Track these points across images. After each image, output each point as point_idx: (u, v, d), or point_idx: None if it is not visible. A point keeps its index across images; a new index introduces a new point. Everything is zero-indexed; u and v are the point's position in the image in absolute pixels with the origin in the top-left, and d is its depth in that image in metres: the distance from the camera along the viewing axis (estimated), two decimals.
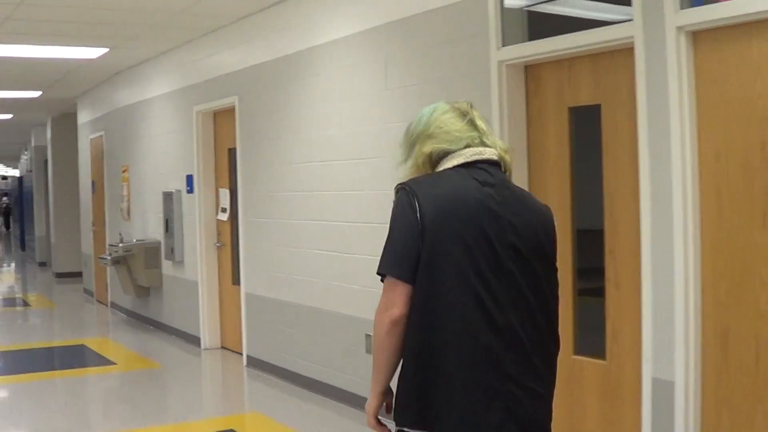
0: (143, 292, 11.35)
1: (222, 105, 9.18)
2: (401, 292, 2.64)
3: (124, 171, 12.16)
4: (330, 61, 7.19)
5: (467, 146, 2.78)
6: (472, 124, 2.81)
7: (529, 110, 5.46)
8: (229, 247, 9.44)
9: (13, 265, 23.67)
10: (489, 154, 2.79)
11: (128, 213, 12.03)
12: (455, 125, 2.80)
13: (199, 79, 9.61)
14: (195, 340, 9.90)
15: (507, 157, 2.84)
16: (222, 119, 9.52)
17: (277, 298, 8.06)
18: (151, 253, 10.82)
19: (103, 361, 9.42)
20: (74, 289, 16.05)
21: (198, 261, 9.71)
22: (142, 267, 10.82)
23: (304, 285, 7.61)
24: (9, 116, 18.38)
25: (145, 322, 11.55)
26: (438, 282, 2.62)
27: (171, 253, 10.31)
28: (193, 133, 9.71)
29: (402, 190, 2.72)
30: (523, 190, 2.91)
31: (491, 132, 2.86)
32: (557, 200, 5.18)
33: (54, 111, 17.61)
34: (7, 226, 41.64)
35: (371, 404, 2.79)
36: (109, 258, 11.25)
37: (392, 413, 2.75)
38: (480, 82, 5.56)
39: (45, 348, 10.32)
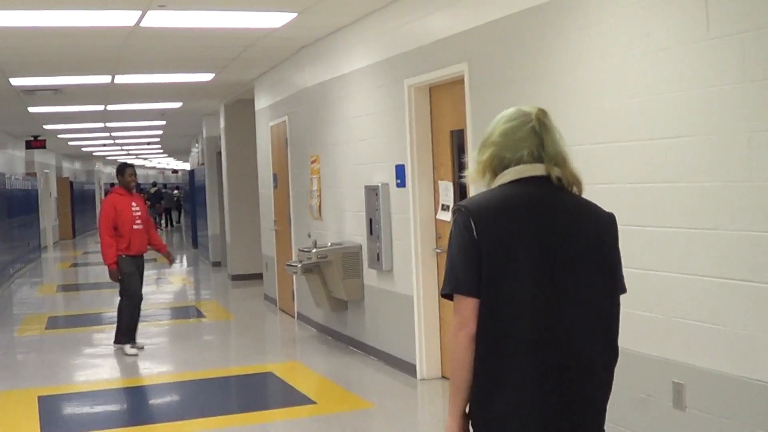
0: (340, 305, 9.84)
1: (442, 76, 7.51)
2: (472, 307, 2.82)
3: (313, 161, 10.68)
4: (607, 2, 5.41)
5: (523, 157, 2.92)
6: (534, 132, 2.93)
7: None
8: None
9: (185, 264, 22.83)
10: (538, 171, 2.92)
11: (319, 211, 10.55)
12: (516, 134, 2.95)
13: (410, 45, 7.98)
14: (409, 368, 8.29)
15: (559, 172, 2.91)
16: (441, 94, 7.86)
17: None
18: (350, 259, 9.27)
19: (297, 397, 7.92)
20: (253, 294, 14.80)
21: (412, 271, 8.09)
22: (339, 276, 9.28)
23: None
24: (178, 104, 17.37)
25: (341, 341, 10.05)
26: (500, 296, 2.80)
27: (376, 261, 8.73)
28: (405, 113, 8.09)
29: (458, 211, 2.90)
30: (580, 200, 2.98)
31: (556, 141, 2.94)
32: None
33: (227, 97, 16.44)
34: (170, 222, 41.67)
35: (452, 428, 2.91)
36: (299, 265, 9.77)
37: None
38: None
39: (222, 378, 8.90)
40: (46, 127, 21.16)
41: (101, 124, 21.24)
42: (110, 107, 17.02)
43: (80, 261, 24.59)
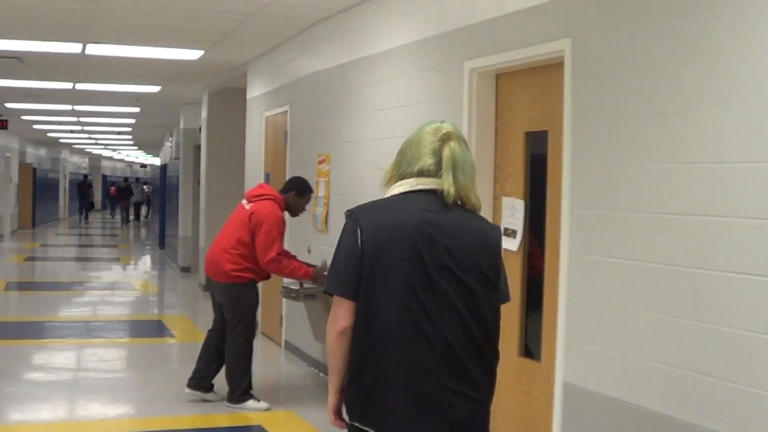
0: None
1: (524, 59, 5.52)
2: (345, 307, 3.08)
3: (321, 162, 8.66)
4: None
5: (420, 171, 3.13)
6: (434, 151, 3.13)
7: None
8: (517, 294, 5.79)
9: (149, 267, 20.65)
10: (431, 184, 3.11)
11: (325, 222, 8.53)
12: (419, 149, 3.17)
13: (476, 16, 6.00)
14: None
15: (450, 187, 3.09)
16: (513, 84, 5.89)
17: (631, 402, 4.36)
18: None
19: None
20: None
21: None
22: None
23: (686, 382, 3.90)
24: (156, 89, 15.27)
25: None
26: (377, 300, 3.03)
27: None
28: (463, 105, 6.08)
29: (349, 216, 3.13)
30: (469, 215, 3.17)
31: (456, 160, 3.12)
32: None
33: (213, 83, 14.37)
34: (138, 217, 40.71)
35: (331, 402, 3.22)
36: (300, 290, 7.75)
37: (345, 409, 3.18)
38: None
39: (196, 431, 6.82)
40: (8, 105, 18.96)
41: (69, 107, 19.08)
42: (80, 86, 14.88)
43: (38, 254, 22.34)
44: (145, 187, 42.05)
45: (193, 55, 11.23)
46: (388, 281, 3.02)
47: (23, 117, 22.09)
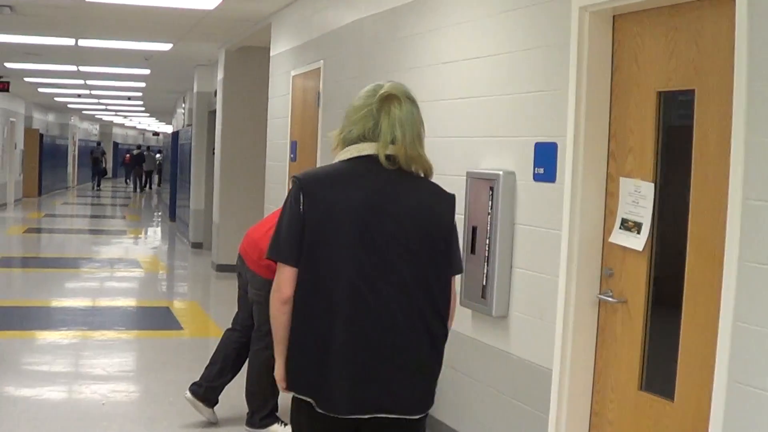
0: None
1: None
2: (287, 275, 3.01)
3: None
4: None
5: (360, 136, 3.04)
6: (371, 113, 3.03)
7: None
8: (640, 310, 4.31)
9: (158, 241, 19.19)
10: (369, 150, 3.02)
11: None
12: (358, 112, 3.08)
13: None
14: None
15: (392, 151, 3.01)
16: (640, 27, 4.37)
17: None
18: None
19: None
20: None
21: (554, 325, 4.63)
22: None
23: None
24: (167, 46, 13.76)
25: None
26: (320, 268, 2.96)
27: (479, 297, 5.26)
28: (570, 57, 4.58)
29: (294, 182, 3.04)
30: (416, 181, 3.10)
31: (394, 123, 3.02)
32: None
33: (231, 39, 12.85)
34: (150, 185, 40.12)
35: (278, 371, 3.15)
36: None
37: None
38: None
39: None
40: (8, 65, 17.48)
41: (74, 67, 17.57)
42: (83, 42, 13.37)
43: (40, 225, 20.91)
44: (158, 155, 40.81)
45: (209, 3, 9.72)
46: (331, 249, 2.96)
47: (26, 79, 20.59)
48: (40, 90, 24.28)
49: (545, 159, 4.82)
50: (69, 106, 32.43)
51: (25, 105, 29.06)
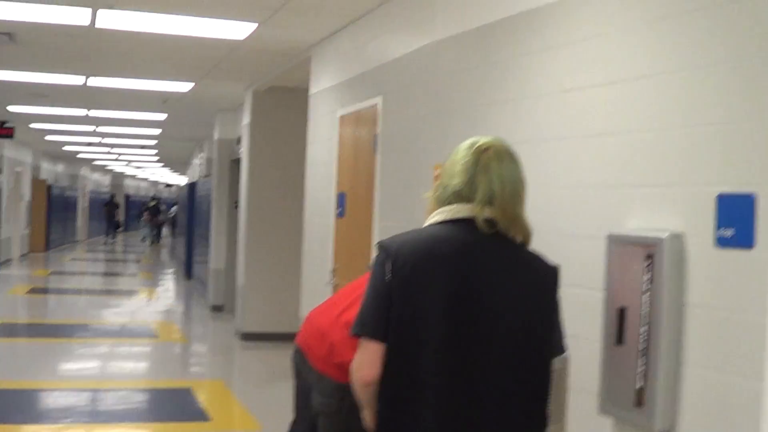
0: None
1: None
2: (372, 351, 2.72)
3: (438, 175, 5.82)
4: None
5: (455, 194, 2.79)
6: (467, 168, 2.79)
7: None
8: None
9: (173, 303, 17.82)
10: (464, 212, 2.77)
11: None
12: (453, 168, 2.84)
13: None
14: None
15: (490, 214, 2.76)
16: None
17: None
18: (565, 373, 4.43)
19: None
20: (280, 368, 9.95)
21: None
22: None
23: None
24: (188, 86, 12.56)
25: None
26: (408, 346, 2.67)
27: (632, 401, 3.87)
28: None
29: (379, 247, 2.77)
30: (516, 250, 2.82)
31: (492, 180, 2.77)
32: None
33: (261, 78, 11.61)
34: (159, 237, 39.41)
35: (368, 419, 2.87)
36: None
37: None
38: None
39: None
40: (11, 108, 16.31)
41: (84, 112, 16.39)
42: (93, 81, 12.15)
43: (45, 285, 19.59)
44: (173, 208, 40.07)
45: (239, 33, 8.47)
46: (420, 324, 2.69)
47: (32, 125, 19.44)
48: (48, 138, 23.14)
49: (735, 216, 3.47)
50: (78, 156, 31.32)
51: (33, 154, 27.96)
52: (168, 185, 51.92)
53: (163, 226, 40.59)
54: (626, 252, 3.95)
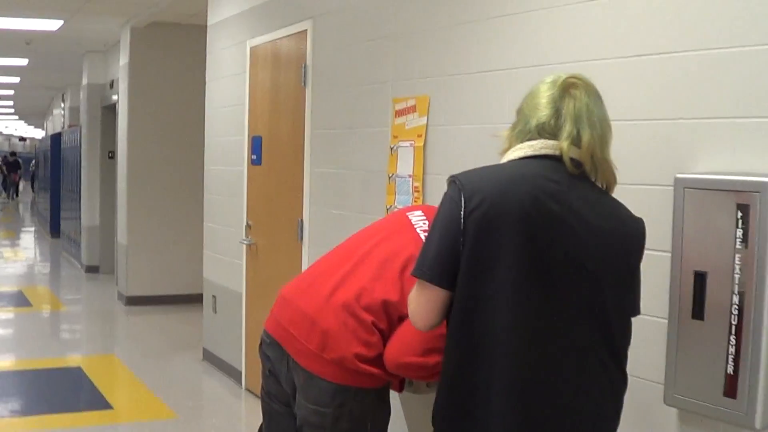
0: None
1: None
2: (431, 299, 2.45)
3: (403, 112, 4.79)
4: None
5: (538, 127, 2.48)
6: (553, 100, 2.48)
7: None
8: None
9: (40, 263, 16.31)
10: (548, 149, 2.46)
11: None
12: (535, 99, 2.53)
13: None
14: None
15: (576, 154, 2.44)
16: None
17: None
18: None
19: None
20: (176, 337, 8.85)
21: None
22: None
23: None
24: (57, 24, 11.12)
25: None
26: (479, 292, 2.39)
27: (723, 395, 2.99)
28: None
29: (451, 183, 2.48)
30: (604, 197, 2.53)
31: (581, 116, 2.46)
32: None
33: (140, 12, 10.29)
34: (17, 193, 37.70)
35: None
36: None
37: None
38: None
39: None
40: None
41: None
42: None
43: None
44: (33, 162, 38.17)
45: None
46: (495, 269, 2.35)
47: None
48: None
49: None
50: None
51: None
52: (22, 138, 49.29)
53: (20, 181, 38.54)
54: (706, 202, 3.03)
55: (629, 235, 2.54)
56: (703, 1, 3.07)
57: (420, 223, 3.25)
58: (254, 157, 6.86)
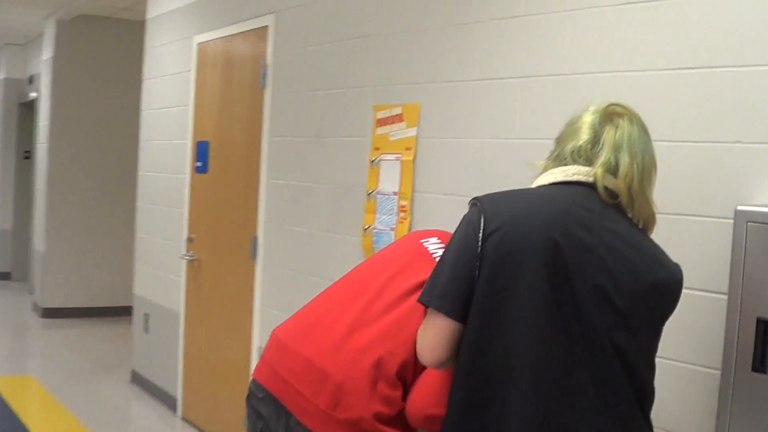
0: None
1: None
2: (441, 329, 2.22)
3: (386, 122, 4.32)
4: None
5: (573, 152, 2.30)
6: (593, 126, 2.30)
7: None
8: None
9: None
10: (582, 175, 2.25)
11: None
12: (574, 124, 2.36)
13: None
14: None
15: (612, 184, 2.24)
16: None
17: None
18: None
19: None
20: (99, 355, 8.23)
21: None
22: None
23: None
24: None
25: None
26: (496, 323, 2.16)
27: None
28: None
29: (473, 205, 2.29)
30: (641, 236, 2.28)
31: (621, 144, 2.26)
32: None
33: (66, 4, 9.65)
34: None
35: None
36: None
37: None
38: None
39: None
40: None
41: None
42: None
43: None
44: None
45: None
46: (514, 298, 2.14)
47: None
48: None
49: None
50: None
51: None
52: None
53: None
54: None
55: (667, 280, 2.28)
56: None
57: (438, 251, 2.79)
58: (199, 164, 6.32)
